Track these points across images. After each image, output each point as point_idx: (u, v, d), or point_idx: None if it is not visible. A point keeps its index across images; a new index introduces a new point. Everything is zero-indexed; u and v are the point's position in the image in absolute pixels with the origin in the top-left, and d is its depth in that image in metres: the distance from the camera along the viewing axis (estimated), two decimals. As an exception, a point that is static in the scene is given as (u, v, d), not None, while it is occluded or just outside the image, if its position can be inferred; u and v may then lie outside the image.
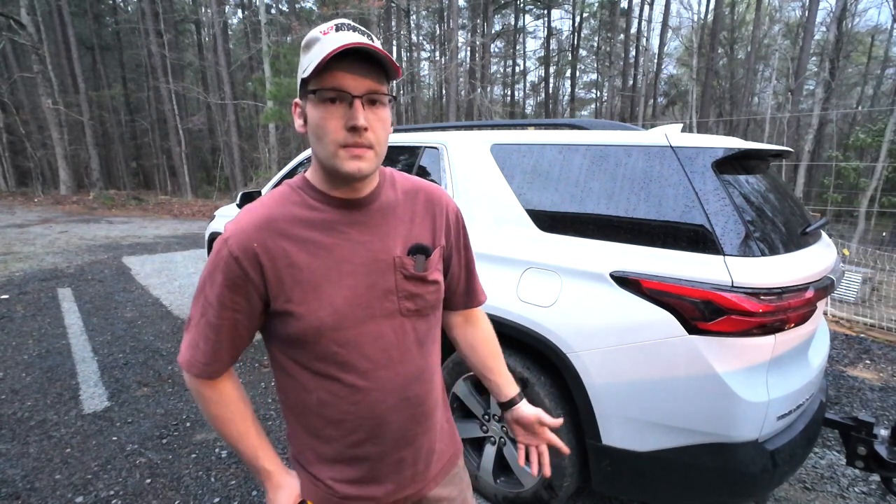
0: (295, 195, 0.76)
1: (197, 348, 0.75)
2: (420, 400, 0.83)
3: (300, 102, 0.73)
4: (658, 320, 1.41)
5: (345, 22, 0.70)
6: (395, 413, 0.79)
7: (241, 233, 0.71)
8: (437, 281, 0.83)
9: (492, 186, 1.92)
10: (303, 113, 0.73)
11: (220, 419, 0.78)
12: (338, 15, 12.32)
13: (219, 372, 0.76)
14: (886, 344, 3.86)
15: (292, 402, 0.81)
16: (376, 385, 0.77)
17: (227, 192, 17.93)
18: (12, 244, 7.33)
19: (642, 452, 1.49)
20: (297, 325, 0.72)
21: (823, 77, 13.94)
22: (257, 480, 0.82)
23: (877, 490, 2.08)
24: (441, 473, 0.92)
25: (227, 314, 0.72)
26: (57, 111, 15.33)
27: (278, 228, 0.72)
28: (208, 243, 4.10)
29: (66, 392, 2.83)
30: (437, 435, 0.90)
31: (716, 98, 19.68)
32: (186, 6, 22.09)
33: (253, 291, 0.72)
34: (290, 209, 0.74)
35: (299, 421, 0.81)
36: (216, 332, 0.73)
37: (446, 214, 0.88)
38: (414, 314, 0.80)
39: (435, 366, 0.88)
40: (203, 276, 0.74)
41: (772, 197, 1.65)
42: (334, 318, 0.73)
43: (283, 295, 0.72)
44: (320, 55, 0.65)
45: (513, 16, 25.68)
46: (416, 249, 0.81)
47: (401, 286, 0.78)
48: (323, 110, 0.68)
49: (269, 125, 13.65)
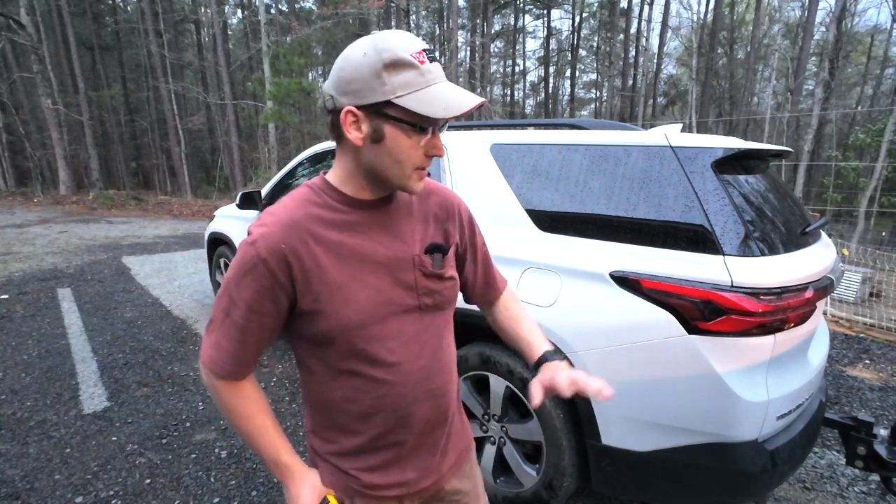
0: (316, 197, 0.78)
1: (220, 348, 0.76)
2: (442, 391, 0.85)
3: (359, 114, 0.70)
4: (658, 320, 1.41)
5: (427, 47, 0.70)
6: (419, 405, 0.82)
7: (268, 235, 0.72)
8: (453, 277, 0.87)
9: (491, 186, 1.92)
10: (360, 125, 0.71)
11: (241, 416, 0.79)
12: (337, 15, 12.30)
13: (243, 374, 0.78)
14: (886, 344, 3.87)
15: (317, 398, 0.83)
16: (401, 379, 0.79)
17: (227, 192, 17.92)
18: (12, 244, 7.33)
19: (642, 452, 1.49)
20: (324, 323, 0.74)
21: (823, 77, 13.95)
22: (276, 476, 0.83)
23: (876, 490, 2.08)
24: (456, 466, 0.94)
25: (254, 317, 0.74)
26: (56, 111, 15.32)
27: (304, 229, 0.74)
28: (208, 243, 4.09)
29: (66, 392, 2.83)
30: (453, 427, 0.93)
31: (715, 98, 19.68)
32: (186, 6, 22.08)
33: (281, 293, 0.73)
34: (314, 210, 0.76)
35: (324, 416, 0.84)
36: (242, 333, 0.75)
37: (458, 215, 0.92)
38: (433, 309, 0.83)
39: (453, 358, 0.91)
40: (229, 278, 0.74)
41: (771, 197, 1.66)
42: (360, 315, 0.75)
43: (310, 295, 0.73)
44: (431, 96, 0.68)
45: (512, 16, 25.67)
46: (433, 248, 0.84)
47: (420, 283, 0.81)
48: (415, 139, 0.71)
49: (269, 125, 13.64)
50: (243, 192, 3.28)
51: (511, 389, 1.76)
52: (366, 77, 0.67)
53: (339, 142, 0.76)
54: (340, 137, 0.74)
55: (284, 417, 2.59)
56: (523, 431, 1.76)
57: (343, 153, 0.77)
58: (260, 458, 0.92)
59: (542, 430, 1.67)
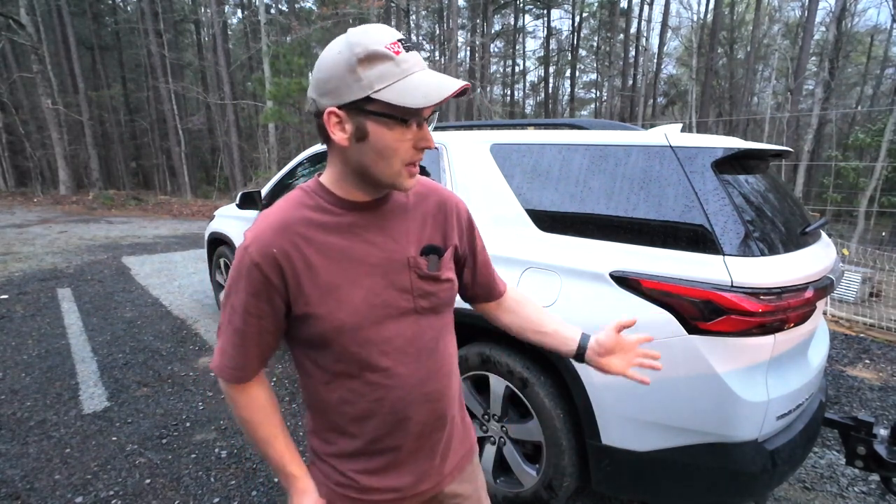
0: (309, 199, 0.77)
1: (226, 354, 0.77)
2: (439, 395, 0.85)
3: (341, 114, 0.68)
4: (658, 320, 1.41)
5: (403, 38, 0.68)
6: (415, 408, 0.81)
7: (259, 239, 0.72)
8: (450, 279, 0.86)
9: (491, 186, 1.92)
10: (343, 125, 0.69)
11: (250, 423, 0.80)
12: (336, 15, 12.29)
13: (247, 377, 0.78)
14: (886, 343, 3.87)
15: (315, 400, 0.83)
16: (397, 382, 0.79)
17: (227, 192, 17.92)
18: (12, 244, 7.33)
19: (642, 452, 1.49)
20: (318, 326, 0.74)
21: (823, 77, 13.95)
22: (281, 484, 0.84)
23: (876, 490, 2.08)
24: (457, 469, 0.94)
25: (252, 320, 0.74)
26: (56, 111, 15.32)
27: (295, 232, 0.73)
28: (208, 244, 4.09)
29: (66, 392, 2.83)
30: (454, 430, 0.92)
31: (715, 98, 19.68)
32: (186, 6, 22.08)
33: (276, 296, 0.73)
34: (306, 213, 0.75)
35: (322, 418, 0.84)
36: (242, 337, 0.75)
37: (457, 216, 0.90)
38: (429, 312, 0.82)
39: (452, 361, 0.90)
40: (228, 284, 0.76)
41: (771, 197, 1.65)
42: (354, 318, 0.74)
43: (302, 298, 0.73)
44: (409, 85, 0.65)
45: (512, 16, 25.67)
46: (429, 250, 0.83)
47: (416, 285, 0.80)
48: (399, 133, 0.68)
49: (269, 125, 13.64)
50: (243, 192, 3.28)
51: (511, 389, 1.76)
52: (342, 75, 0.66)
53: (328, 144, 0.75)
54: (328, 140, 0.73)
55: (284, 417, 2.58)
56: (523, 431, 1.76)
57: (332, 155, 0.76)
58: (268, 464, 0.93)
59: (542, 429, 1.67)
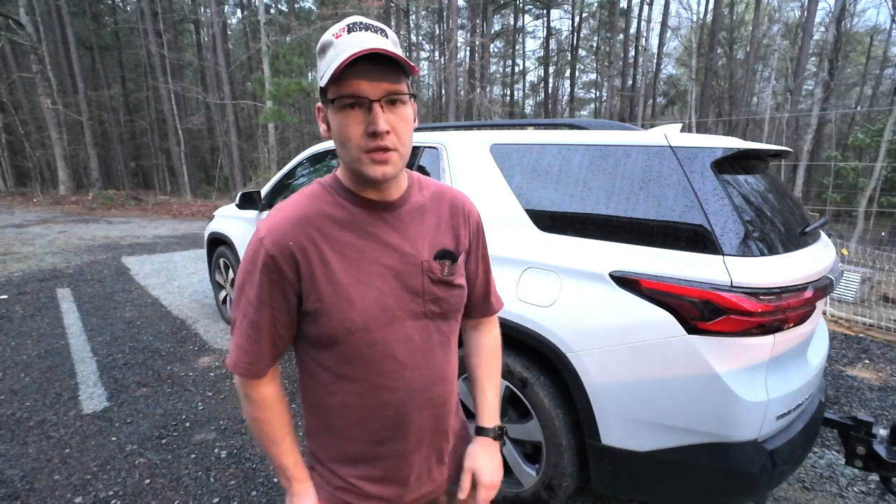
0: (327, 194, 0.77)
1: (241, 349, 0.76)
2: (443, 400, 0.84)
3: (322, 108, 0.73)
4: (657, 320, 1.41)
5: (357, 21, 0.68)
6: (418, 413, 0.81)
7: (276, 231, 0.72)
8: (462, 285, 0.85)
9: (491, 186, 1.92)
10: (325, 118, 0.73)
11: (260, 421, 0.79)
12: (336, 15, 12.30)
13: (262, 371, 0.77)
14: (885, 343, 3.87)
15: (315, 402, 0.82)
16: (402, 385, 0.78)
17: (227, 192, 17.91)
18: (11, 244, 7.32)
19: (642, 452, 1.49)
20: (327, 324, 0.73)
21: (822, 77, 13.96)
22: (282, 484, 0.84)
23: (876, 489, 2.08)
24: (456, 475, 0.93)
25: (266, 311, 0.74)
26: (56, 111, 15.31)
27: (312, 227, 0.73)
28: (207, 244, 4.09)
29: (65, 392, 2.83)
30: (452, 434, 0.91)
31: (715, 98, 19.69)
32: (185, 6, 22.06)
33: (289, 288, 0.73)
34: (323, 208, 0.75)
35: (322, 421, 0.83)
36: (257, 330, 0.74)
37: (469, 221, 0.89)
38: (438, 317, 0.81)
39: (455, 368, 0.89)
40: (241, 277, 0.75)
41: (771, 197, 1.65)
42: (363, 318, 0.74)
43: (314, 293, 0.73)
44: (334, 62, 0.64)
45: (512, 16, 25.67)
46: (443, 254, 0.81)
47: (427, 289, 0.79)
48: (343, 117, 0.68)
49: (269, 125, 13.63)
50: (243, 192, 3.28)
51: (510, 389, 1.75)
52: (318, 72, 0.71)
53: None
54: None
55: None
56: (523, 431, 1.76)
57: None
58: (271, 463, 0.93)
59: (541, 430, 1.67)
